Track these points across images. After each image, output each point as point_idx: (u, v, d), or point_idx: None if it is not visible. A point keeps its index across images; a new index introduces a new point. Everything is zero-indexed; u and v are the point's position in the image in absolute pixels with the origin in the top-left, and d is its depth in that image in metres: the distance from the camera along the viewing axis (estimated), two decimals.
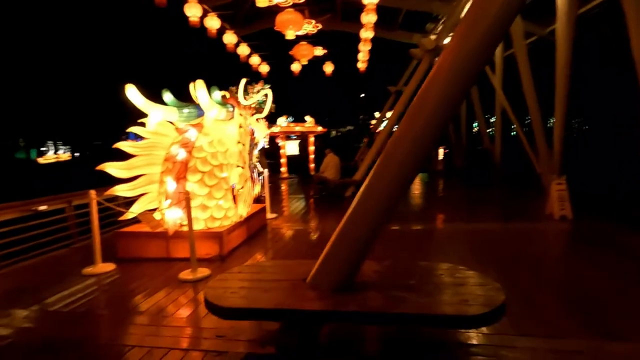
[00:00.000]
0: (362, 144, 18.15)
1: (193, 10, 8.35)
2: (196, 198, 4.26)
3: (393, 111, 9.22)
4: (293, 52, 11.49)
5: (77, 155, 67.73)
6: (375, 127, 16.92)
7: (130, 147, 4.24)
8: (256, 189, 5.74)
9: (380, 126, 15.57)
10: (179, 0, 8.20)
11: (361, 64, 13.10)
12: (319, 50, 12.47)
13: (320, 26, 10.40)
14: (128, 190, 4.23)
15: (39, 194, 5.10)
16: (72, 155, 68.13)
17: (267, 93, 6.29)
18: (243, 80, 5.22)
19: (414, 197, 9.30)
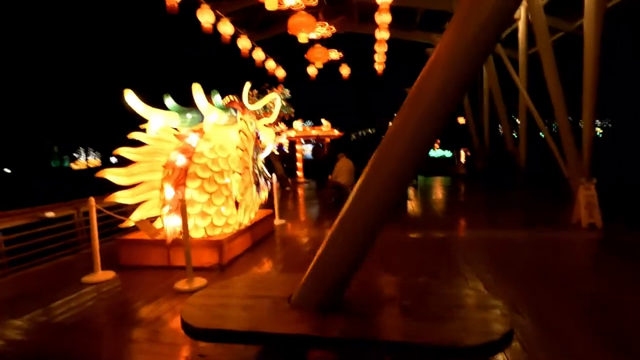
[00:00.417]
0: None
1: (206, 17, 8.37)
2: (195, 205, 4.16)
3: None
4: (308, 55, 11.40)
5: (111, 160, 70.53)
6: None
7: (131, 153, 4.19)
8: (263, 195, 5.61)
9: None
10: (191, 6, 8.25)
11: (378, 65, 12.83)
12: (335, 53, 12.30)
13: (334, 29, 10.23)
14: (129, 197, 4.18)
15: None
16: (101, 161, 70.98)
17: (275, 97, 6.19)
18: (247, 84, 5.12)
19: (435, 202, 8.95)
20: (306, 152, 15.38)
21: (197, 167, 4.20)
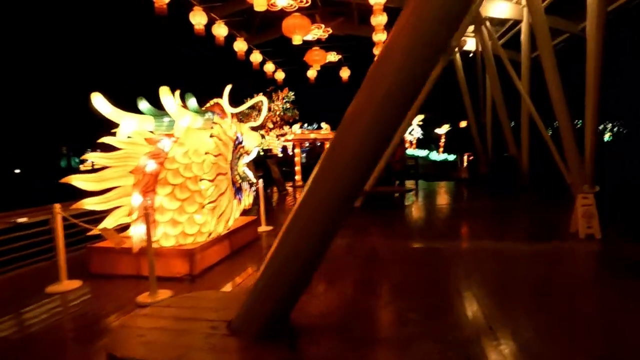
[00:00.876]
0: None
1: (198, 18, 8.26)
2: (166, 212, 3.99)
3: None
4: (306, 57, 11.23)
5: None
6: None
7: (102, 158, 4.04)
8: (246, 200, 5.43)
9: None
10: (184, 5, 8.14)
11: None
12: (333, 56, 12.12)
13: (330, 30, 10.04)
14: (99, 203, 4.02)
15: None
16: None
17: (261, 100, 6.03)
18: (228, 86, 4.95)
19: (435, 210, 8.67)
20: (303, 155, 15.20)
21: (168, 172, 4.03)
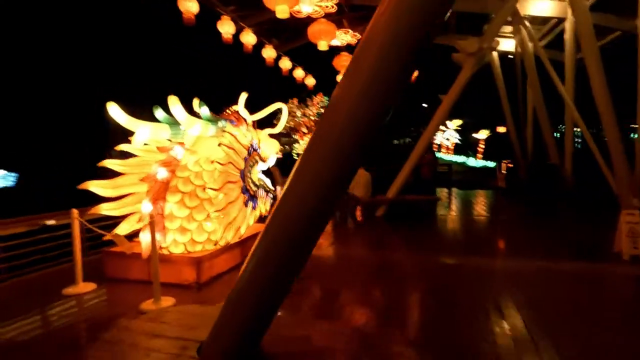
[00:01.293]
0: None
1: (226, 27, 8.43)
2: (175, 220, 4.02)
3: (432, 121, 8.29)
4: (334, 63, 11.17)
5: None
6: None
7: (119, 165, 4.16)
8: (262, 207, 5.38)
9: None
10: (211, 18, 8.36)
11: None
12: None
13: (358, 35, 9.89)
14: (114, 209, 4.14)
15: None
16: None
17: (281, 108, 5.98)
18: (243, 94, 4.96)
19: (466, 221, 8.21)
20: None
21: (178, 180, 4.07)
